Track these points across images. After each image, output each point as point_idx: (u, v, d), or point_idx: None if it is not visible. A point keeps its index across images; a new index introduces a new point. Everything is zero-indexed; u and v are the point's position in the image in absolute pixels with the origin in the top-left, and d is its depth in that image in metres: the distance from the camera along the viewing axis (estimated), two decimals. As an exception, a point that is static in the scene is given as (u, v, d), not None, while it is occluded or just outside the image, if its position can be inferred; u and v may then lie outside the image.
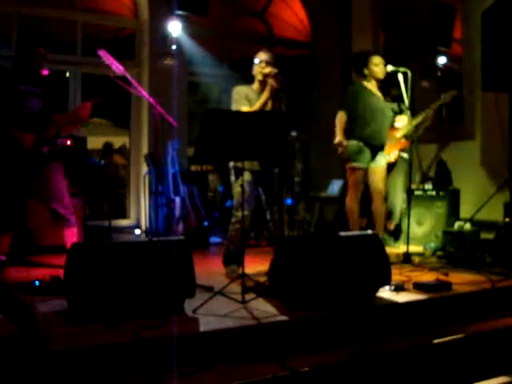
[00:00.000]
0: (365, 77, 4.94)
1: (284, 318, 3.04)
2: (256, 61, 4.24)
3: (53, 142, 4.08)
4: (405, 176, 5.58)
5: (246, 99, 4.16)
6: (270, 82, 4.09)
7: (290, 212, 6.49)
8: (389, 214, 5.61)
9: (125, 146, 8.31)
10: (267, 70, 4.14)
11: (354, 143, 4.82)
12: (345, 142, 4.82)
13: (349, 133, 4.86)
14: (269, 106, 4.16)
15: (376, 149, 4.86)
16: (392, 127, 5.01)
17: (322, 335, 3.02)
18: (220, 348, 2.77)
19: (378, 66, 4.86)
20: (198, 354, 2.70)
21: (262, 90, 4.20)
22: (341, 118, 4.89)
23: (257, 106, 4.13)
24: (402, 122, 4.98)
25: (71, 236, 4.16)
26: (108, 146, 7.99)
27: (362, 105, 4.82)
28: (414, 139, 5.07)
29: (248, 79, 4.34)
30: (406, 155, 5.38)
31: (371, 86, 4.93)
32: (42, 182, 4.09)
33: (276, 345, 2.88)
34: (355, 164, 4.82)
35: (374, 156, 4.87)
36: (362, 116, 4.82)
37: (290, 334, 2.96)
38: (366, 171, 4.87)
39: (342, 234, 3.58)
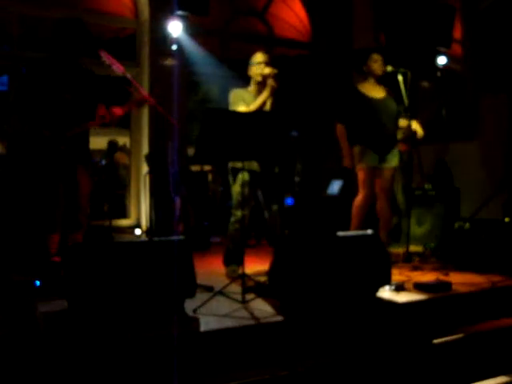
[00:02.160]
0: (364, 74, 4.88)
1: (283, 318, 3.04)
2: (255, 62, 4.23)
3: (76, 142, 3.77)
4: (403, 177, 5.56)
5: (243, 101, 4.16)
6: (270, 82, 4.10)
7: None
8: None
9: (125, 145, 8.30)
10: (267, 70, 4.14)
11: (357, 147, 4.76)
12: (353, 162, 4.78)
13: (352, 137, 4.80)
14: (267, 106, 4.16)
15: (384, 150, 4.81)
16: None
17: (321, 335, 3.02)
18: (220, 348, 2.78)
19: (377, 63, 4.79)
20: (198, 354, 2.71)
21: (259, 92, 4.21)
22: (341, 132, 4.81)
23: (256, 103, 4.11)
24: (402, 125, 4.94)
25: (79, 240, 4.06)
26: (113, 144, 7.87)
27: (360, 112, 4.75)
28: (413, 141, 5.02)
29: (248, 79, 4.34)
30: (403, 157, 5.34)
31: (369, 85, 4.85)
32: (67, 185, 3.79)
33: (276, 345, 2.89)
34: (362, 165, 4.76)
35: (383, 156, 4.80)
36: (363, 123, 4.75)
37: (290, 334, 2.96)
38: (375, 171, 4.77)
39: (342, 233, 3.58)
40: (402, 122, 4.86)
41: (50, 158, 3.68)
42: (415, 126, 4.77)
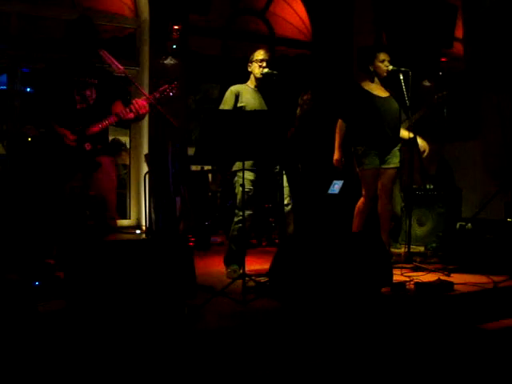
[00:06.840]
0: (368, 73, 4.82)
1: (284, 317, 3.02)
2: (256, 59, 4.23)
3: (98, 139, 3.75)
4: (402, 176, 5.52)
5: (235, 98, 4.19)
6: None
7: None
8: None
9: (125, 145, 8.28)
10: (266, 70, 4.15)
11: (359, 148, 4.73)
12: (343, 159, 4.83)
13: (354, 138, 4.77)
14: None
15: (386, 149, 4.76)
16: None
17: (322, 335, 3.00)
18: (220, 348, 2.76)
19: (384, 63, 4.74)
20: (198, 354, 2.69)
21: (257, 87, 4.25)
22: (341, 128, 4.80)
23: None
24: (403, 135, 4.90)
25: None
26: (116, 144, 7.75)
27: (364, 111, 4.71)
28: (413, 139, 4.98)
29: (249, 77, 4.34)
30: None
31: (374, 85, 4.79)
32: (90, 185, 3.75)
33: (276, 344, 2.87)
34: (365, 167, 4.72)
35: (385, 156, 4.77)
36: (366, 122, 4.69)
37: (290, 333, 2.95)
38: (377, 172, 4.73)
39: (342, 233, 3.56)
40: (404, 133, 4.83)
41: (68, 159, 3.64)
42: (421, 142, 4.78)
